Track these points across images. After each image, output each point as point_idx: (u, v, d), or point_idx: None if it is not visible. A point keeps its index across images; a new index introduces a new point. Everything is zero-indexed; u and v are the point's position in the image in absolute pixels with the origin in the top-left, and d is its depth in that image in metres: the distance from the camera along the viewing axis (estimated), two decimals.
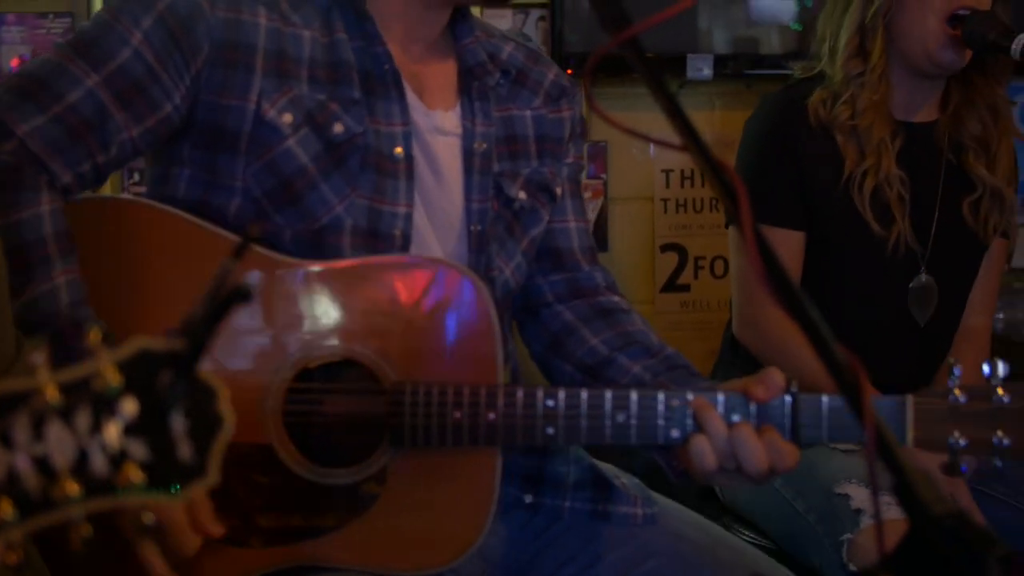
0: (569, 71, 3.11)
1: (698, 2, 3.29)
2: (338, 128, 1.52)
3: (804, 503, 2.01)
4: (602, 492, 1.65)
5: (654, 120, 3.43)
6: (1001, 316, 3.19)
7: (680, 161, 3.38)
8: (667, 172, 3.38)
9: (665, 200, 3.37)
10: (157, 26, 1.47)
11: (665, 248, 3.40)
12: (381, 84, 1.55)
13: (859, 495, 1.91)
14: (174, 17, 1.47)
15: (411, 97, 1.58)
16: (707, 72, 3.21)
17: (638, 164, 3.34)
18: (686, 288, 3.40)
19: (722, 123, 3.36)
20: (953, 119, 2.17)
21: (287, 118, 1.50)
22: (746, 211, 1.02)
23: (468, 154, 1.61)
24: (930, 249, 2.16)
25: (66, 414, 0.70)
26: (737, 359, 2.29)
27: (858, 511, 1.89)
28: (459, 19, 1.65)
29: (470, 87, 1.64)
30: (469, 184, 1.61)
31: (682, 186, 3.39)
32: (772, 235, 2.11)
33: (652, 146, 3.36)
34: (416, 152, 1.57)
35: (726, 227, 2.25)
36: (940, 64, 2.07)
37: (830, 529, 1.94)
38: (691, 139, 1.10)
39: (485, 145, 1.62)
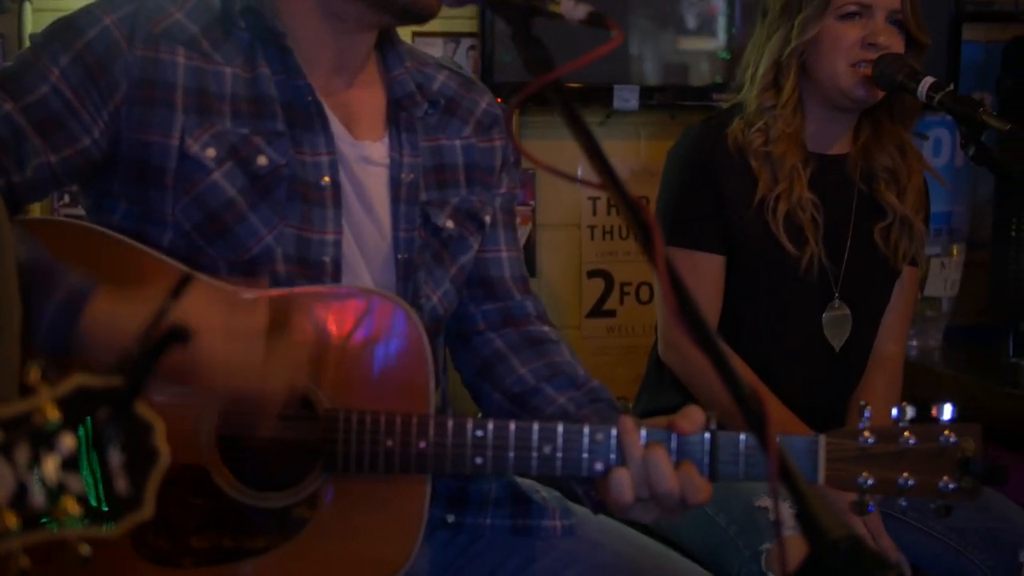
0: (499, 99, 3.19)
1: (625, 35, 3.38)
2: (262, 160, 1.55)
3: (725, 517, 2.08)
4: (521, 507, 1.70)
5: (579, 148, 3.50)
6: (915, 343, 3.31)
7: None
8: (594, 200, 3.44)
9: (592, 227, 3.43)
10: (75, 64, 1.50)
11: (592, 274, 3.45)
12: (305, 116, 1.58)
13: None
14: (92, 56, 1.50)
15: (337, 127, 1.61)
16: (633, 103, 3.28)
17: (566, 192, 3.40)
18: (612, 314, 3.45)
19: (648, 153, 3.43)
20: (864, 153, 2.26)
21: (210, 152, 1.53)
22: (659, 248, 1.07)
23: (395, 184, 1.65)
24: (843, 275, 2.24)
25: (5, 449, 0.72)
26: (662, 382, 2.35)
27: (776, 523, 1.95)
28: (388, 49, 1.69)
29: (398, 118, 1.67)
30: (396, 213, 1.64)
31: (608, 214, 3.45)
32: (694, 259, 2.20)
33: (579, 173, 3.41)
34: (343, 181, 1.61)
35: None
36: (853, 99, 2.16)
37: (749, 540, 2.01)
38: (609, 178, 1.16)
39: (412, 175, 1.66)
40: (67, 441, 0.72)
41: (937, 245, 3.37)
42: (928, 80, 2.01)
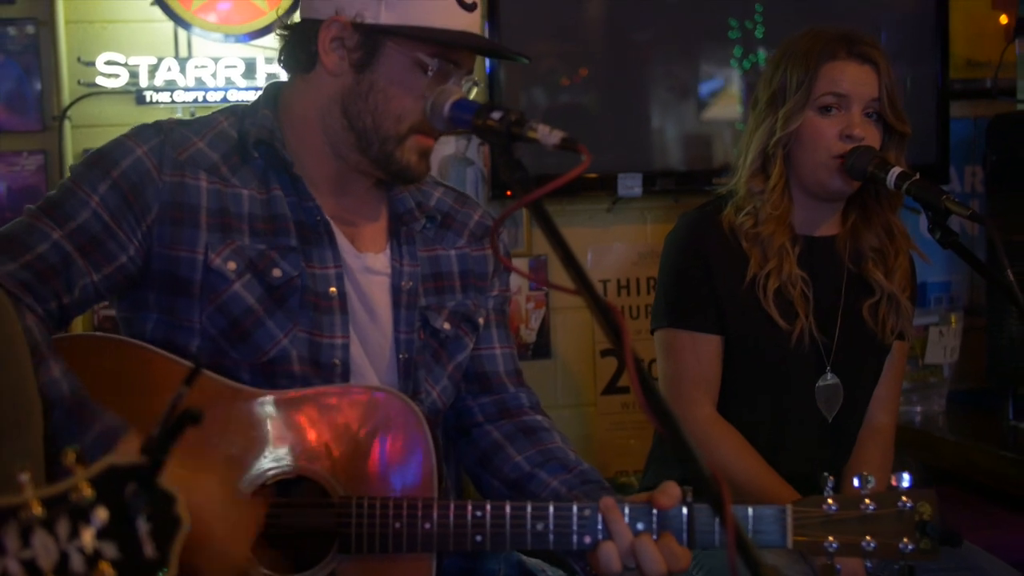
0: (509, 192, 3.36)
1: (628, 125, 3.54)
2: (276, 273, 1.72)
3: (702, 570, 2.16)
4: None
5: (589, 234, 3.71)
6: (918, 409, 3.39)
7: (615, 271, 3.59)
8: (604, 282, 3.58)
9: (588, 305, 3.52)
10: (112, 191, 1.68)
11: (605, 353, 3.56)
12: (314, 233, 1.76)
13: None
14: (127, 183, 1.69)
15: (343, 242, 1.78)
16: (637, 190, 3.44)
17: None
18: (626, 391, 3.57)
19: (654, 236, 3.58)
20: (852, 234, 2.35)
21: (231, 266, 1.70)
22: (628, 349, 1.22)
23: (396, 291, 1.81)
24: (834, 349, 2.32)
25: (48, 524, 0.85)
26: (667, 457, 2.44)
27: None
28: (394, 183, 1.85)
29: (399, 232, 1.84)
30: (397, 317, 1.80)
31: (618, 295, 3.59)
32: (693, 340, 2.29)
33: (589, 257, 3.57)
34: (349, 290, 1.77)
35: (651, 333, 2.42)
36: (830, 191, 2.27)
37: None
38: (582, 284, 1.31)
39: (411, 283, 1.82)
40: (101, 514, 0.85)
41: (936, 314, 3.46)
42: (896, 170, 2.11)
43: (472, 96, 1.73)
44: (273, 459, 1.64)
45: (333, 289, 1.76)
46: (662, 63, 3.57)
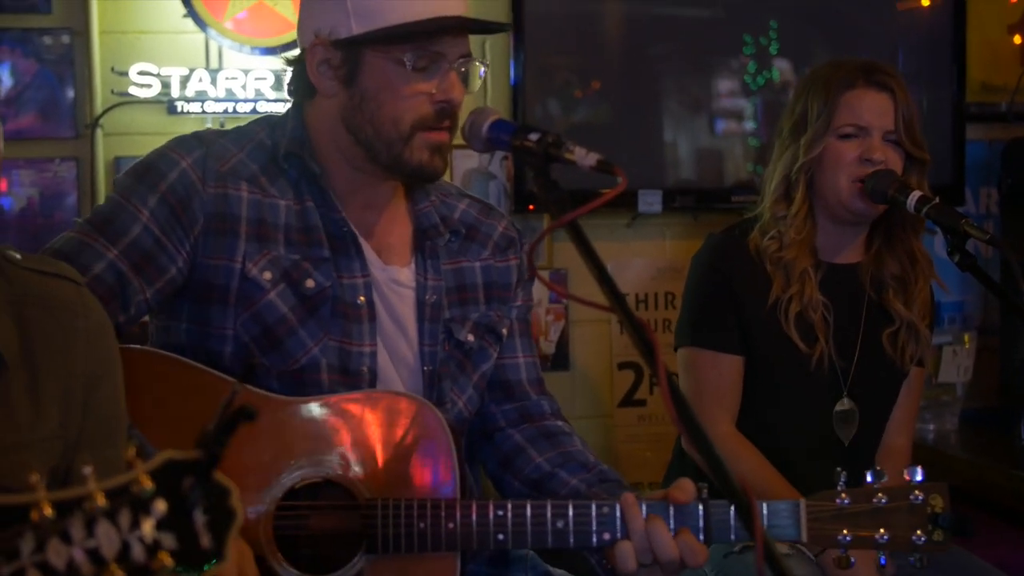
0: (531, 207, 3.41)
1: (648, 141, 3.60)
2: (310, 283, 1.77)
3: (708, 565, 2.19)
4: None
5: (609, 249, 3.76)
6: (931, 427, 3.42)
7: (634, 286, 3.64)
8: (623, 296, 3.62)
9: (621, 322, 3.54)
10: (161, 204, 1.73)
11: (622, 366, 3.61)
12: (343, 244, 1.81)
13: None
14: (174, 196, 1.73)
15: (370, 254, 1.83)
16: (657, 206, 3.49)
17: (596, 289, 3.58)
18: (642, 403, 3.61)
19: (673, 252, 3.62)
20: (875, 260, 2.39)
21: (267, 275, 1.75)
22: (662, 366, 1.26)
23: (420, 305, 1.86)
24: (852, 374, 2.36)
25: (111, 515, 0.89)
26: (685, 469, 2.45)
27: None
28: (415, 185, 1.90)
29: (423, 246, 1.88)
30: (421, 330, 1.85)
31: (637, 309, 3.63)
32: (716, 360, 2.33)
33: (609, 271, 3.59)
34: (376, 300, 1.82)
35: (675, 350, 2.45)
36: (853, 212, 2.30)
37: None
38: (616, 302, 1.36)
39: (435, 297, 1.87)
40: (160, 506, 0.89)
41: (949, 333, 3.50)
42: (916, 194, 2.16)
43: (478, 76, 1.78)
44: (302, 465, 1.69)
45: (362, 298, 1.80)
46: (677, 79, 3.62)
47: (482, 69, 1.80)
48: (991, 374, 3.56)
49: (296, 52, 1.86)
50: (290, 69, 1.86)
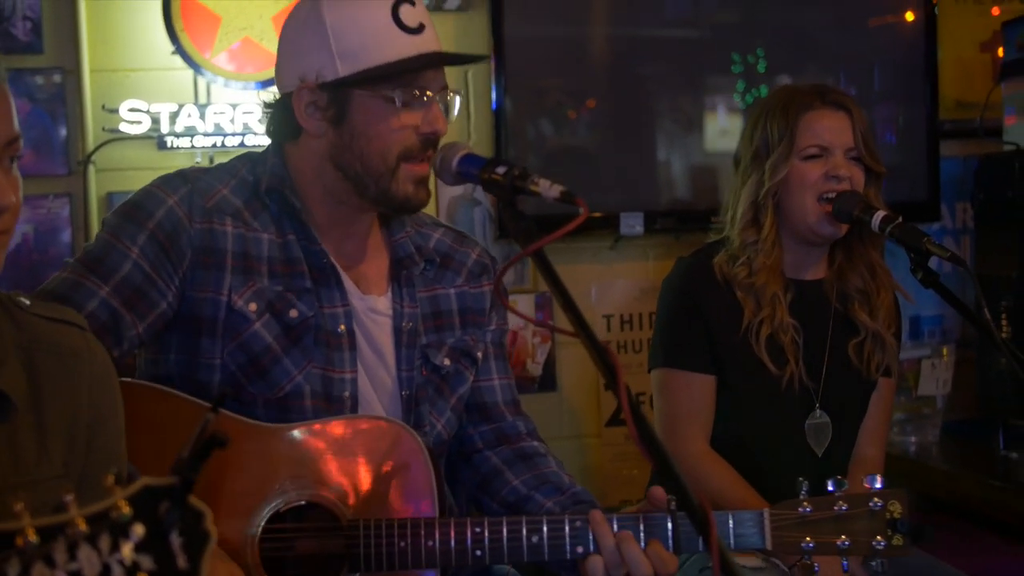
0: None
1: (630, 164, 3.67)
2: (293, 313, 1.84)
3: None
4: None
5: (593, 271, 3.81)
6: (913, 440, 3.48)
7: (618, 307, 3.70)
8: (607, 317, 3.69)
9: (607, 342, 3.61)
10: (150, 241, 1.79)
11: (609, 386, 3.64)
12: (324, 275, 1.88)
13: None
14: (163, 232, 1.80)
15: (349, 284, 1.90)
16: (639, 228, 3.56)
17: (581, 310, 3.64)
18: None
19: (656, 272, 3.69)
20: (839, 275, 2.47)
21: (252, 307, 1.82)
22: (622, 387, 1.33)
23: (397, 332, 1.93)
24: (823, 388, 2.42)
25: (92, 539, 0.94)
26: (662, 483, 2.54)
27: None
28: (391, 216, 1.97)
29: (400, 275, 1.96)
30: (399, 356, 1.92)
31: (621, 329, 3.70)
32: (688, 379, 2.40)
33: (593, 293, 3.69)
34: (356, 328, 1.89)
35: (648, 372, 2.51)
36: (820, 235, 2.38)
37: None
38: (579, 327, 1.43)
39: (411, 324, 1.94)
40: (138, 529, 0.94)
41: (928, 347, 3.55)
42: (880, 214, 2.23)
43: (455, 106, 1.86)
44: (286, 489, 1.75)
45: (342, 327, 1.87)
46: (665, 98, 3.69)
47: (457, 99, 1.88)
48: (970, 386, 3.61)
49: (268, 94, 1.93)
50: (265, 111, 1.93)
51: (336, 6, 1.80)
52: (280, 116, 1.89)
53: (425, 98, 1.81)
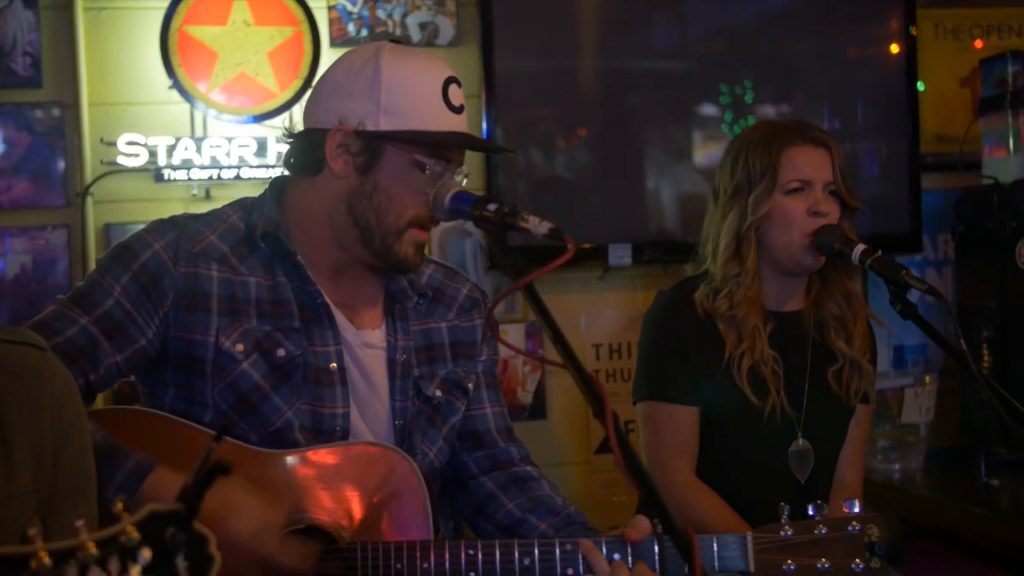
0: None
1: (619, 196, 3.73)
2: (280, 352, 1.90)
3: None
4: None
5: (582, 301, 3.87)
6: (897, 467, 3.53)
7: (607, 336, 3.76)
8: (596, 346, 3.75)
9: (596, 371, 3.71)
10: (132, 282, 1.87)
11: (596, 415, 3.68)
12: (315, 314, 1.94)
13: None
14: (146, 274, 1.87)
15: (343, 321, 1.96)
16: (627, 259, 3.62)
17: (571, 339, 3.67)
18: None
19: (644, 302, 3.69)
20: (815, 304, 2.52)
21: (239, 347, 1.88)
22: (609, 415, 1.39)
23: (391, 363, 1.99)
24: (804, 416, 2.47)
25: (102, 562, 0.98)
26: (648, 510, 2.58)
27: None
28: (391, 273, 2.02)
29: (393, 309, 2.02)
30: (393, 387, 1.98)
31: (610, 358, 3.75)
32: (671, 411, 2.44)
33: (583, 323, 3.75)
34: (348, 364, 1.95)
35: (633, 404, 2.55)
36: (802, 267, 2.44)
37: None
38: (568, 358, 1.47)
39: (405, 356, 2.00)
40: (145, 553, 0.98)
41: (911, 376, 3.61)
42: (860, 247, 2.29)
43: (464, 184, 1.91)
44: (287, 513, 1.78)
45: (334, 365, 1.93)
46: (653, 129, 3.76)
47: (466, 179, 1.94)
48: (952, 414, 3.67)
49: (264, 128, 1.98)
50: (287, 139, 1.99)
51: (396, 65, 1.87)
52: (304, 148, 1.95)
53: (446, 172, 1.88)
